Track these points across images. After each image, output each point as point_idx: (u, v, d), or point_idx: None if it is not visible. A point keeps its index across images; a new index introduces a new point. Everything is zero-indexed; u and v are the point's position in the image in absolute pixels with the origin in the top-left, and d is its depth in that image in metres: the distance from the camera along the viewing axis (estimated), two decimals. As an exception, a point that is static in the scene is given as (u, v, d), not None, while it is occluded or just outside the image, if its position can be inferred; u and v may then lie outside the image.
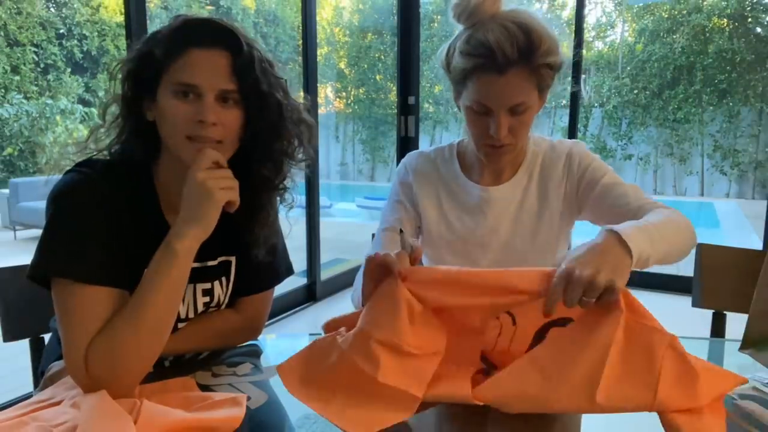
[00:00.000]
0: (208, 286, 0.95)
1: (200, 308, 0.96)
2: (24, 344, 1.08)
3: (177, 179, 0.87)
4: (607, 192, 1.04)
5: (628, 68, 10.45)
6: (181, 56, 0.82)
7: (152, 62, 0.83)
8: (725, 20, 9.74)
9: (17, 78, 7.76)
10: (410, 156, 1.20)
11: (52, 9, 8.58)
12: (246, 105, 0.86)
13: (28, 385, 1.10)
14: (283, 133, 0.90)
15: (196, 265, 0.88)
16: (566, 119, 4.09)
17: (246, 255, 0.99)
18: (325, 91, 11.69)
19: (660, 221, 0.88)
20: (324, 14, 10.91)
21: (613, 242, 0.74)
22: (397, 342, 0.73)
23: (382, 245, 1.10)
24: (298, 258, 3.65)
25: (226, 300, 1.00)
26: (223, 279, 0.98)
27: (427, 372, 0.73)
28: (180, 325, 0.94)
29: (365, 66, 11.93)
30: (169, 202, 0.91)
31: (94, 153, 0.90)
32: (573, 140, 1.14)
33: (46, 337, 1.07)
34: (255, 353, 0.98)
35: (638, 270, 1.01)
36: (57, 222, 0.80)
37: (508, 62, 0.92)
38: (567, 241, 1.16)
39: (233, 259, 0.99)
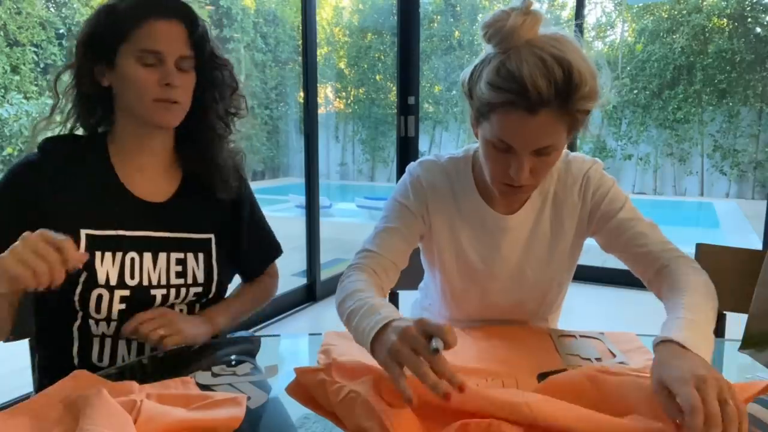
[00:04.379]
0: (180, 256, 1.01)
1: (173, 277, 1.00)
2: (24, 344, 1.08)
3: (131, 141, 0.99)
4: (625, 228, 0.98)
5: (628, 68, 10.45)
6: (144, 26, 0.91)
7: (112, 32, 0.92)
8: (725, 20, 9.74)
9: (17, 78, 7.75)
10: (423, 165, 1.07)
11: (52, 9, 8.57)
12: (198, 71, 0.97)
13: (28, 385, 1.10)
14: (229, 95, 1.04)
15: (168, 234, 1.00)
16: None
17: (227, 234, 1.07)
18: (325, 91, 11.68)
19: (700, 305, 0.81)
20: (324, 14, 10.90)
21: (692, 354, 0.68)
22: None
23: (380, 243, 1.01)
24: (298, 258, 3.66)
25: (206, 279, 1.03)
26: (201, 255, 1.03)
27: None
28: (153, 291, 0.98)
29: (365, 66, 11.93)
30: (124, 164, 1.00)
31: (61, 127, 0.99)
32: (591, 159, 1.05)
33: (46, 337, 1.07)
34: (251, 352, 0.98)
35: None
36: None
37: (542, 102, 0.81)
38: (575, 265, 1.11)
39: (212, 236, 1.05)
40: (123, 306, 0.96)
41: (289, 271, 4.02)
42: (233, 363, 0.92)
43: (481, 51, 0.92)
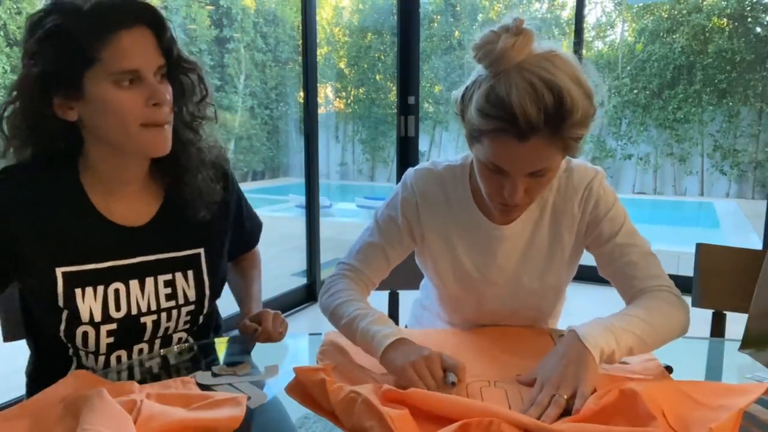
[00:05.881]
0: (168, 277, 0.95)
1: (163, 301, 0.94)
2: (24, 344, 1.08)
3: (108, 170, 0.89)
4: (618, 255, 0.97)
5: (628, 68, 10.44)
6: (110, 43, 0.77)
7: (72, 59, 0.77)
8: (725, 20, 9.74)
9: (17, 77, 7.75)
10: (418, 173, 1.06)
11: (52, 9, 8.57)
12: (170, 77, 0.86)
13: (28, 385, 1.10)
14: (198, 102, 0.93)
15: (153, 257, 0.93)
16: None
17: (217, 241, 1.02)
18: (325, 91, 11.68)
19: (637, 314, 0.88)
20: (324, 14, 10.90)
21: (576, 343, 0.81)
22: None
23: (364, 260, 1.06)
24: (298, 258, 3.65)
25: (198, 295, 0.98)
26: (190, 273, 0.97)
27: None
28: (143, 318, 0.92)
29: (365, 66, 11.92)
30: (99, 191, 0.90)
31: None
32: (593, 169, 1.02)
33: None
34: (246, 350, 0.98)
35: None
36: None
37: (532, 129, 0.79)
38: (573, 274, 1.11)
39: (201, 251, 0.98)
40: (111, 339, 0.91)
41: (289, 271, 4.01)
42: (233, 363, 0.92)
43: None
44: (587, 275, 1.06)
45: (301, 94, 3.39)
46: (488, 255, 1.05)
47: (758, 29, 9.80)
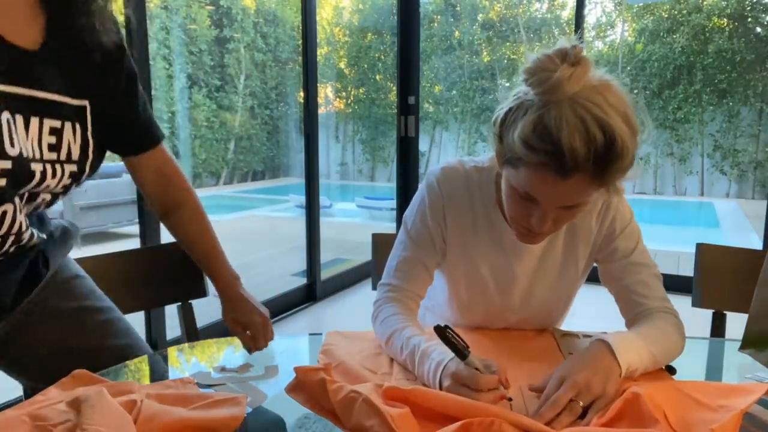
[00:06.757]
0: (57, 124, 0.80)
1: (45, 150, 0.79)
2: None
3: None
4: (630, 272, 0.98)
5: (628, 68, 10.45)
6: None
7: None
8: (725, 20, 9.74)
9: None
10: (446, 172, 1.03)
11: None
12: None
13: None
14: None
15: (43, 94, 0.76)
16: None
17: (103, 101, 0.87)
18: (325, 91, 11.68)
19: (653, 334, 0.89)
20: (324, 14, 10.90)
21: (606, 354, 0.80)
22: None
23: (404, 277, 1.03)
24: (298, 258, 3.66)
25: (81, 156, 0.84)
26: (78, 126, 0.83)
27: None
28: (33, 165, 0.76)
29: (365, 66, 11.93)
30: None
31: None
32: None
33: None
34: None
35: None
36: None
37: (577, 167, 0.75)
38: (583, 282, 1.10)
39: (86, 103, 0.84)
40: (3, 182, 0.74)
41: (289, 271, 4.02)
42: (234, 368, 0.92)
43: (481, 51, 0.89)
44: (588, 275, 1.05)
45: (301, 94, 3.40)
46: (506, 266, 1.04)
47: (758, 29, 9.81)
